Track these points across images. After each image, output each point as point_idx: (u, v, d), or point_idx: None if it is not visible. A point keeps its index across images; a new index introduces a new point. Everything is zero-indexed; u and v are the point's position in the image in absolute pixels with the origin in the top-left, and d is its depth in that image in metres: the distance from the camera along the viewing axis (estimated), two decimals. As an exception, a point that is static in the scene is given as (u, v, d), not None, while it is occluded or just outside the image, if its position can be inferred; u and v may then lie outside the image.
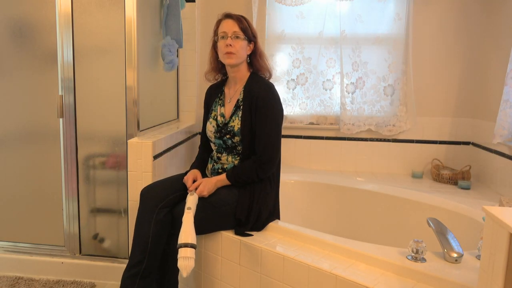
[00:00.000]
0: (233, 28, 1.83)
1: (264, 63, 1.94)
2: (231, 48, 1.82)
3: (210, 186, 1.78)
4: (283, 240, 1.73)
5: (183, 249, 1.54)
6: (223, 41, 1.84)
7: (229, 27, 1.84)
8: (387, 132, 2.88)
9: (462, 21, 2.78)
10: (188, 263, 1.53)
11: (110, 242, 2.33)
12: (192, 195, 1.73)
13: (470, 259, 1.49)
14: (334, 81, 2.90)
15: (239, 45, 1.82)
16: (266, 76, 1.95)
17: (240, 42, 1.83)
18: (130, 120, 2.17)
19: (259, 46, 1.93)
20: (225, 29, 1.84)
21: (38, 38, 2.24)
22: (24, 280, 2.28)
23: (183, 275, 1.54)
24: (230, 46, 1.81)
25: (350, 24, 2.81)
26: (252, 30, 1.89)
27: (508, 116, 2.30)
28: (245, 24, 1.86)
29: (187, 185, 1.85)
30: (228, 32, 1.83)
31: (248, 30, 1.86)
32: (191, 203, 1.69)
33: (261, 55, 1.92)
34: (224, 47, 1.83)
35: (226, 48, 1.82)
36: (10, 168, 2.35)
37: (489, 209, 1.03)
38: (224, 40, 1.84)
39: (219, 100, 1.97)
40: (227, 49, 1.82)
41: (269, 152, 1.80)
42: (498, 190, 2.50)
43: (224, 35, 1.84)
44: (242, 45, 1.84)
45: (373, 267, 1.49)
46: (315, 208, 2.67)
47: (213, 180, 1.81)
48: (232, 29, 1.83)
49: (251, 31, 1.88)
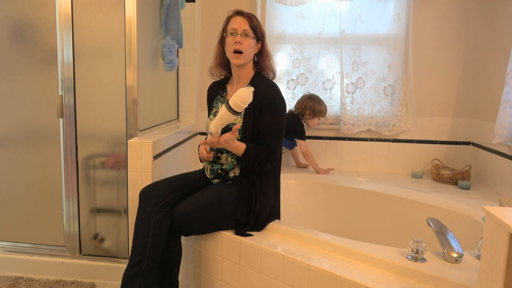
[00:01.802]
0: (244, 25, 1.81)
1: (270, 63, 1.92)
2: (240, 46, 1.80)
3: (230, 140, 1.69)
4: (283, 240, 1.73)
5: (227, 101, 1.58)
6: (232, 38, 1.82)
7: (239, 24, 1.82)
8: (387, 132, 2.88)
9: (462, 21, 2.78)
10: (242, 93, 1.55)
11: (110, 242, 2.33)
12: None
13: (470, 259, 1.49)
14: (334, 81, 2.90)
15: (247, 43, 1.81)
16: (270, 76, 1.94)
17: (249, 41, 1.82)
18: (130, 120, 2.18)
19: (266, 46, 1.91)
20: (235, 26, 1.82)
21: (38, 38, 2.24)
22: (24, 280, 2.28)
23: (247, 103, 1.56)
24: (239, 44, 1.80)
25: (350, 24, 2.81)
26: (261, 29, 1.88)
27: (508, 116, 2.30)
28: (255, 22, 1.84)
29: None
30: (238, 29, 1.81)
31: (257, 29, 1.85)
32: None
33: (267, 55, 1.91)
34: (232, 44, 1.81)
35: (235, 45, 1.80)
36: (10, 168, 2.35)
37: (489, 209, 1.03)
38: (233, 37, 1.82)
39: (221, 97, 1.97)
40: (235, 46, 1.80)
41: (274, 147, 1.80)
42: (498, 190, 2.50)
43: (234, 32, 1.82)
44: (251, 44, 1.83)
45: (373, 267, 1.49)
46: (315, 208, 2.67)
47: (232, 142, 1.72)
48: (243, 27, 1.81)
49: (260, 30, 1.86)
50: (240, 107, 1.57)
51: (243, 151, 1.73)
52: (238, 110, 1.58)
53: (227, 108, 1.58)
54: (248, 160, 1.74)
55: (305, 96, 2.78)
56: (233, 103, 1.56)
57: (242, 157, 1.74)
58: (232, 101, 1.57)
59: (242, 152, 1.73)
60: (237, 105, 1.56)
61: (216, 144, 1.70)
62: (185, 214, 1.75)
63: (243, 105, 1.57)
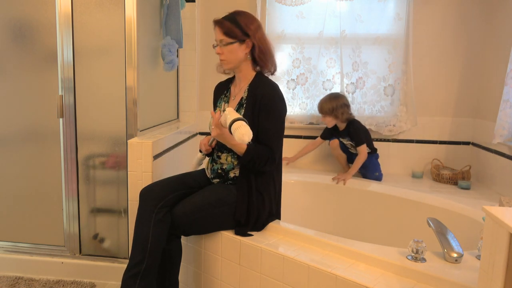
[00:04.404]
0: (219, 35, 1.80)
1: (266, 58, 1.85)
2: (221, 56, 1.82)
3: (226, 135, 1.72)
4: (283, 240, 1.73)
5: (234, 123, 1.58)
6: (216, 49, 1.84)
7: (216, 35, 1.82)
8: (387, 132, 2.88)
9: (462, 21, 2.78)
10: (245, 131, 1.56)
11: (110, 242, 2.33)
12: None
13: (470, 259, 1.49)
14: (334, 81, 2.90)
15: (226, 50, 1.79)
16: (271, 71, 1.91)
17: (227, 48, 1.79)
18: (130, 120, 2.18)
19: (258, 41, 1.81)
20: (215, 37, 1.83)
21: (38, 38, 2.24)
22: (24, 280, 2.28)
23: (244, 142, 1.57)
24: (220, 54, 1.82)
25: (350, 24, 2.81)
26: (243, 28, 1.78)
27: (508, 116, 2.30)
28: (227, 25, 1.77)
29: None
30: (216, 40, 1.82)
31: (233, 31, 1.77)
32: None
33: (261, 50, 1.82)
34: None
35: (219, 55, 1.83)
36: (10, 168, 2.35)
37: (489, 209, 1.03)
38: (216, 49, 1.84)
39: (224, 97, 1.98)
40: (219, 57, 1.83)
41: (274, 148, 1.79)
42: (498, 190, 2.50)
43: (215, 43, 1.84)
44: (231, 49, 1.79)
45: (373, 267, 1.49)
46: (315, 208, 2.67)
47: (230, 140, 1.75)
48: (219, 37, 1.80)
49: (240, 29, 1.78)
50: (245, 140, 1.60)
51: (244, 151, 1.73)
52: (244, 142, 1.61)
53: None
54: (249, 160, 1.74)
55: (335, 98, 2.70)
56: (239, 138, 1.59)
57: (243, 156, 1.74)
58: (237, 137, 1.59)
59: (243, 152, 1.73)
60: (241, 140, 1.59)
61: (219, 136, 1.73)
62: (185, 214, 1.75)
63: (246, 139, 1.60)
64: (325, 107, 2.65)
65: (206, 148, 1.93)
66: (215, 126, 1.71)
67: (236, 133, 1.57)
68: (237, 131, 1.57)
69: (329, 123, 2.68)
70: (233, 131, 1.59)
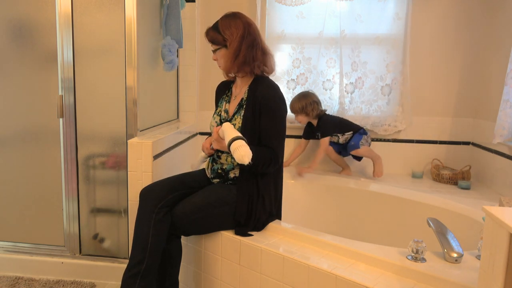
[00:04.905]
0: (210, 44, 1.88)
1: (250, 60, 1.80)
2: (217, 62, 1.89)
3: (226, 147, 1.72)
4: (283, 240, 1.73)
5: (233, 143, 1.59)
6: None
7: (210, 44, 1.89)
8: (382, 132, 2.88)
9: (462, 20, 2.78)
10: (245, 152, 1.57)
11: (110, 242, 2.33)
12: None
13: (470, 259, 1.49)
14: (334, 81, 2.90)
15: (219, 56, 1.86)
16: (265, 71, 1.88)
17: (218, 54, 1.86)
18: (130, 120, 2.18)
19: (237, 47, 1.77)
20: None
21: (38, 38, 2.24)
22: (24, 280, 2.28)
23: (244, 163, 1.58)
24: (216, 60, 1.89)
25: (350, 24, 2.81)
26: (224, 34, 1.78)
27: (508, 116, 2.30)
28: (210, 33, 1.84)
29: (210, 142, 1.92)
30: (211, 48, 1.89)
31: (216, 38, 1.82)
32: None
33: (241, 55, 1.78)
34: None
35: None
36: (10, 168, 2.35)
37: (489, 209, 1.03)
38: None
39: (226, 97, 1.99)
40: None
41: (276, 148, 1.79)
42: (498, 190, 2.50)
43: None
44: (222, 55, 1.84)
45: (373, 267, 1.49)
46: (315, 208, 2.67)
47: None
48: (211, 46, 1.88)
49: (221, 36, 1.79)
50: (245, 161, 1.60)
51: None
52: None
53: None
54: (252, 165, 1.72)
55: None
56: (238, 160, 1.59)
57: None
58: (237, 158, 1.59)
59: None
60: (241, 161, 1.59)
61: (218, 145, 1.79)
62: (185, 214, 1.75)
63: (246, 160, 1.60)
64: (295, 106, 2.74)
65: (209, 152, 1.95)
66: (215, 141, 1.80)
67: (236, 154, 1.59)
68: (236, 151, 1.58)
69: (302, 121, 2.78)
70: (233, 151, 1.60)
